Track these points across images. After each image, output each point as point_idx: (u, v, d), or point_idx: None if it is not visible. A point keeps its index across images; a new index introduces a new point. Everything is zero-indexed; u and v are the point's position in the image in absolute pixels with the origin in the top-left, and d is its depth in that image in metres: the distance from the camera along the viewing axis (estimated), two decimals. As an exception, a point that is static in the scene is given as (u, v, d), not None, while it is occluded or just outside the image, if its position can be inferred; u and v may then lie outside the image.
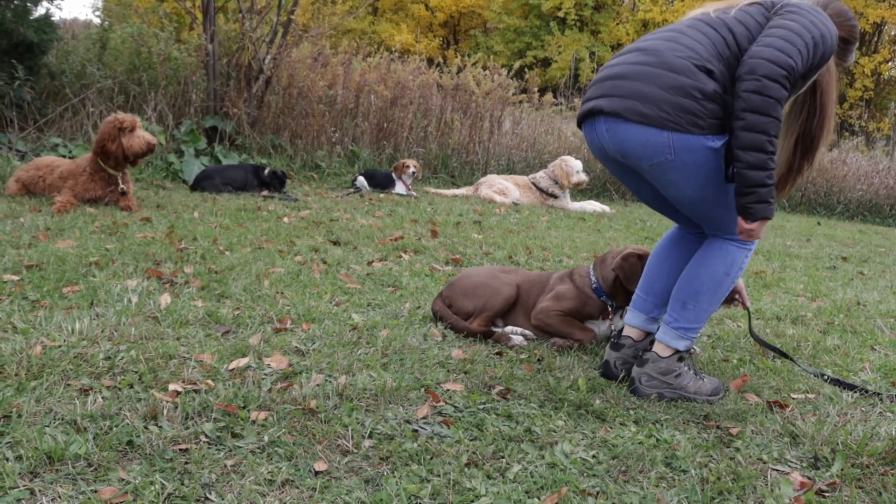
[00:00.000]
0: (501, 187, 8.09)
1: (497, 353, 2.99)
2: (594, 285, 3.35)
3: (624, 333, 2.94)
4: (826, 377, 3.10)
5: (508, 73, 10.17)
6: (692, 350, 3.03)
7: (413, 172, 7.94)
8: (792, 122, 2.80)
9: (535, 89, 10.60)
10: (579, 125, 2.78)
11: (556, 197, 8.21)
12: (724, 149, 2.52)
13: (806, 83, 2.63)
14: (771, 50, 2.39)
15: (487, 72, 9.99)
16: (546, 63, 34.15)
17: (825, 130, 2.82)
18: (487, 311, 3.29)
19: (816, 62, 2.51)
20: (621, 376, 2.80)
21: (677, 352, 2.78)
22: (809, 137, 2.81)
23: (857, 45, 2.94)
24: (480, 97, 9.61)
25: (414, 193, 7.90)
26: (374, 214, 6.27)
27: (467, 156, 9.32)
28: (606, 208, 8.36)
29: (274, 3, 8.78)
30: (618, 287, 3.29)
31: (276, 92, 8.80)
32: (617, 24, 33.52)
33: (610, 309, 3.35)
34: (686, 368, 2.78)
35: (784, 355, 3.24)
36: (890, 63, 33.40)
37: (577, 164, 8.21)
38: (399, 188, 7.94)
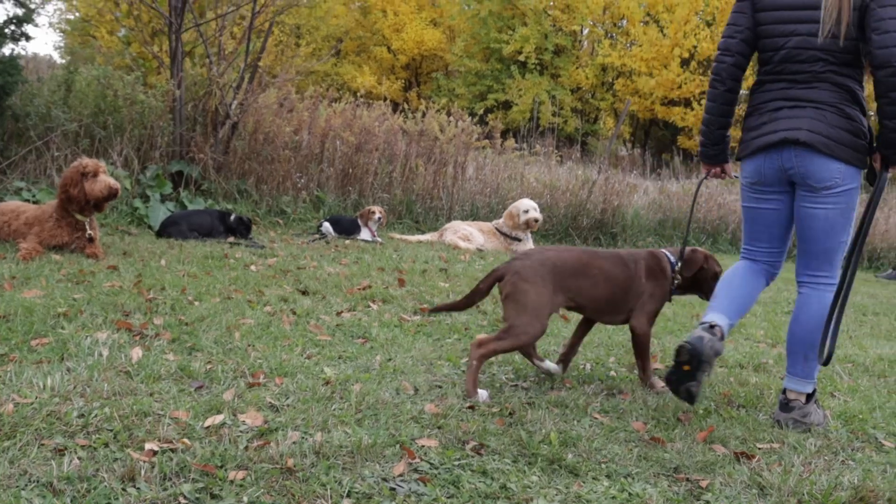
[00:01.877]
0: (466, 233, 8.16)
1: (469, 407, 3.02)
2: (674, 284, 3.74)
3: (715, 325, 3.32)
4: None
5: (472, 118, 10.30)
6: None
7: (378, 219, 7.99)
8: None
9: (498, 134, 10.75)
10: (760, 150, 3.36)
11: (519, 241, 8.30)
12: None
13: None
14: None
15: (451, 117, 10.10)
16: (507, 106, 34.51)
17: None
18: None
19: None
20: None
21: (809, 395, 3.31)
22: None
23: None
24: (444, 143, 9.72)
25: (379, 239, 7.94)
26: (341, 262, 6.29)
27: (432, 201, 9.40)
28: (570, 254, 8.46)
29: (241, 49, 8.84)
30: (695, 283, 3.84)
31: (242, 137, 8.82)
32: (576, 67, 34.01)
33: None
34: (815, 407, 3.35)
35: None
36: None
37: (526, 204, 8.30)
38: (364, 234, 7.98)
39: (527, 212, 8.25)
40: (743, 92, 3.93)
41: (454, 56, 35.43)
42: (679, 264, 3.74)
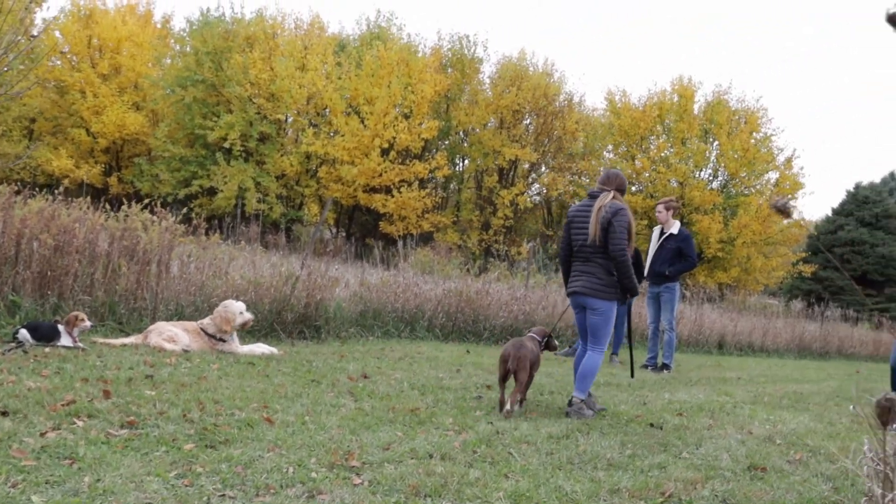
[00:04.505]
0: (171, 334, 8.20)
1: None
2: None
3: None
4: None
5: (175, 207, 10.33)
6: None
7: (91, 326, 7.88)
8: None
9: (203, 229, 10.82)
10: (569, 294, 7.15)
11: (224, 341, 8.46)
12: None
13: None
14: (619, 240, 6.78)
15: (155, 216, 10.11)
16: (212, 192, 34.32)
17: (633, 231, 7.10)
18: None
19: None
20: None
21: (583, 400, 6.89)
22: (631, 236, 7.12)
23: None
24: (148, 242, 9.69)
25: (81, 345, 7.77)
26: (42, 374, 6.14)
27: (135, 301, 9.30)
28: (274, 350, 8.73)
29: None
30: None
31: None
32: (281, 155, 34.61)
33: None
34: (586, 407, 6.95)
35: None
36: (525, 194, 37.32)
37: (238, 306, 8.53)
38: (65, 340, 7.76)
39: (241, 314, 8.48)
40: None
41: (157, 141, 34.84)
42: (545, 340, 7.30)
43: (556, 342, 7.70)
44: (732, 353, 19.34)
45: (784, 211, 1.45)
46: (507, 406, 6.52)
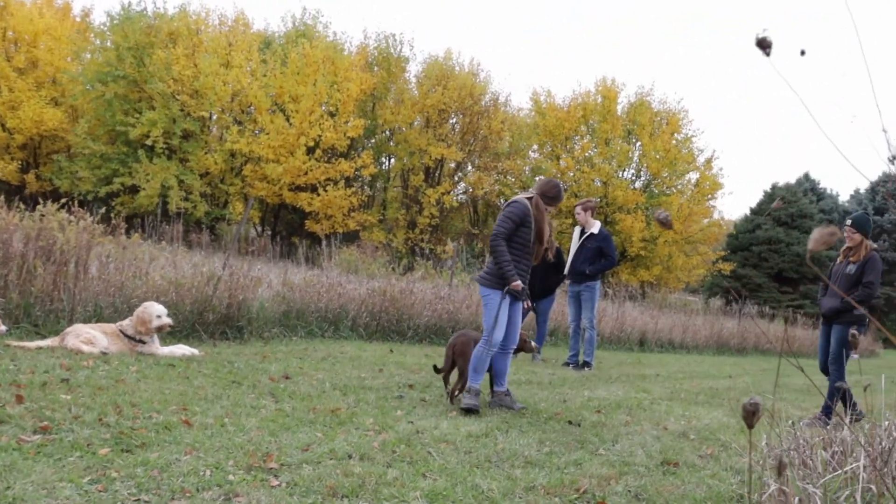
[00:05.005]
0: (89, 336, 8.06)
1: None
2: None
3: None
4: None
5: (95, 205, 10.11)
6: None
7: (5, 330, 7.73)
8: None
9: (122, 229, 10.61)
10: None
11: (144, 343, 8.35)
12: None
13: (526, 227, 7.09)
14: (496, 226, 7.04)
15: (72, 216, 9.90)
16: (134, 190, 33.66)
17: (543, 234, 7.21)
18: None
19: (520, 220, 7.01)
20: None
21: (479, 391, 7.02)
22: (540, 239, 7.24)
23: (559, 195, 7.32)
24: (65, 242, 9.50)
25: (-6, 348, 7.62)
26: (-49, 378, 6.02)
27: (52, 303, 9.10)
28: (195, 351, 8.65)
29: None
30: None
31: None
32: (206, 153, 34.12)
33: None
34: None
35: None
36: (451, 193, 37.53)
37: (157, 309, 8.43)
38: (-24, 343, 7.61)
39: (159, 317, 8.37)
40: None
41: (77, 137, 33.99)
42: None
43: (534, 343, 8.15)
44: (653, 350, 19.78)
45: (666, 223, 1.53)
46: (455, 392, 7.20)
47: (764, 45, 1.55)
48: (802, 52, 1.97)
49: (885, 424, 3.87)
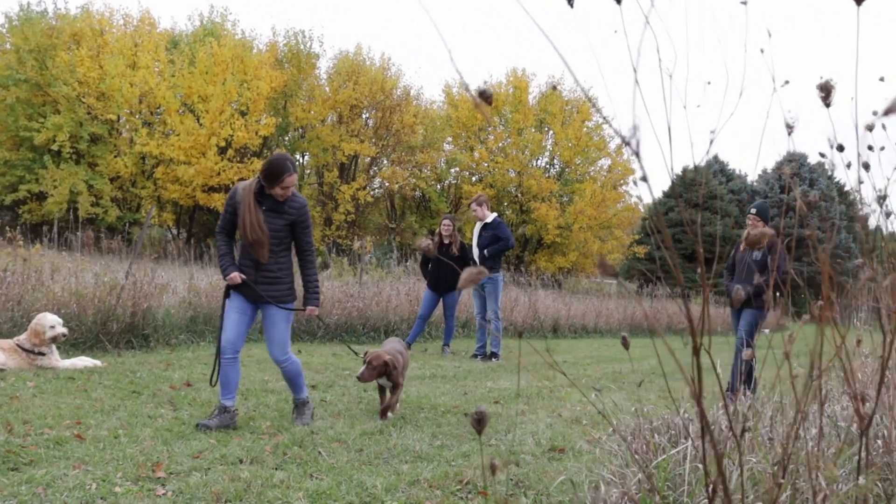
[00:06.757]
0: (-14, 352, 8.00)
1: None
2: None
3: None
4: None
5: (1, 213, 9.97)
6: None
7: None
8: None
9: (18, 241, 10.45)
10: None
11: (43, 355, 8.28)
12: None
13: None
14: None
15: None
16: (42, 197, 32.87)
17: (245, 223, 5.99)
18: None
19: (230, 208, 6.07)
20: None
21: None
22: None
23: (273, 170, 5.78)
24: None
25: None
26: None
27: (-53, 320, 9.00)
28: (98, 362, 8.62)
29: None
30: None
31: None
32: (115, 156, 33.51)
33: None
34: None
35: None
36: (366, 189, 37.56)
37: (50, 319, 8.33)
38: None
39: (53, 327, 8.30)
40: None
41: (-22, 144, 32.93)
42: None
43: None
44: (567, 336, 20.16)
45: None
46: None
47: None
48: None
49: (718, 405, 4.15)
